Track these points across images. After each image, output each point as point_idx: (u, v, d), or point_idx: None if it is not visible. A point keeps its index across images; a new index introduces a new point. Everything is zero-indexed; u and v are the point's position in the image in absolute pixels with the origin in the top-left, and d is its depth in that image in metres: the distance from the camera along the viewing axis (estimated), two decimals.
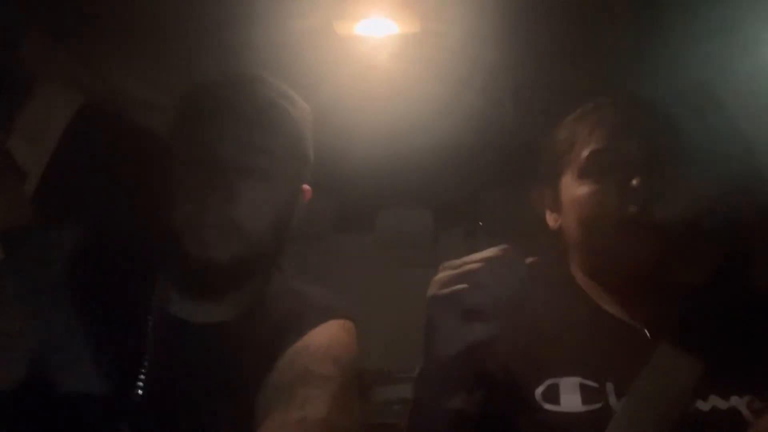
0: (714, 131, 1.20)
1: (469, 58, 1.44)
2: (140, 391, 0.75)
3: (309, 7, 1.25)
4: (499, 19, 1.27)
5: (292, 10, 1.25)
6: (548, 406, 0.77)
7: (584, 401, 0.76)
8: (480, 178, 2.55)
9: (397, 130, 2.02)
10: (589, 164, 0.85)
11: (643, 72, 1.52)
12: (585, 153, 0.86)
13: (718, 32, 1.22)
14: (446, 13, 1.28)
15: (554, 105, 1.46)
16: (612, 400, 0.76)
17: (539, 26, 1.33)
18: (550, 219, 0.94)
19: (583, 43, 1.42)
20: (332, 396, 0.76)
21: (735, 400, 0.73)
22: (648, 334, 0.82)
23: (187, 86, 0.89)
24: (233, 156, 0.79)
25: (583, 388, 0.77)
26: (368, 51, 1.45)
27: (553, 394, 0.78)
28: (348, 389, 0.80)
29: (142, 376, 0.76)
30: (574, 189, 0.87)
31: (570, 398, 0.76)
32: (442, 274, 0.76)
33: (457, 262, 0.76)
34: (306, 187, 0.92)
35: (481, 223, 2.50)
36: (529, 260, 0.78)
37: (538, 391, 0.78)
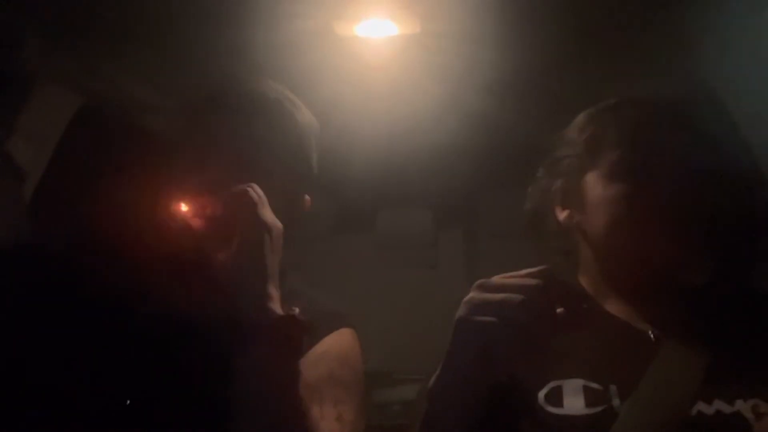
0: (719, 132, 1.20)
1: (468, 58, 1.44)
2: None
3: (309, 8, 1.25)
4: (498, 20, 1.27)
5: (292, 11, 1.25)
6: (551, 409, 0.76)
7: (587, 404, 0.75)
8: (480, 178, 2.55)
9: (397, 131, 2.02)
10: (621, 164, 0.84)
11: (643, 72, 1.52)
12: (616, 152, 0.85)
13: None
14: (446, 15, 1.28)
15: (553, 105, 1.47)
16: (615, 402, 0.75)
17: (539, 27, 1.33)
18: (561, 215, 0.93)
19: (582, 43, 1.42)
20: (356, 399, 0.80)
21: (739, 404, 0.72)
22: (652, 337, 0.82)
23: (186, 87, 0.90)
24: (233, 150, 0.81)
25: (587, 391, 0.76)
26: (368, 52, 1.45)
27: (556, 397, 0.77)
28: (364, 397, 0.84)
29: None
30: (602, 188, 0.86)
31: (573, 401, 0.75)
32: (475, 296, 0.73)
33: (494, 282, 0.73)
34: (307, 198, 0.93)
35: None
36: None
37: (541, 393, 0.78)
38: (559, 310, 0.72)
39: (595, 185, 0.87)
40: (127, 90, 1.62)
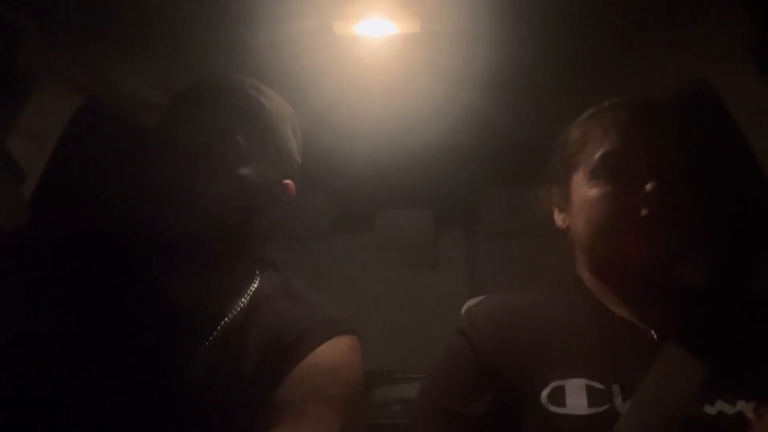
0: (718, 133, 1.20)
1: (468, 58, 1.44)
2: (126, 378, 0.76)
3: (309, 8, 1.24)
4: (498, 20, 1.27)
5: (292, 11, 1.25)
6: (554, 409, 0.76)
7: (590, 403, 0.75)
8: (480, 178, 2.56)
9: (396, 131, 2.02)
10: (602, 165, 0.84)
11: (643, 72, 1.52)
12: (598, 154, 0.85)
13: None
14: (446, 14, 1.28)
15: (553, 105, 1.47)
16: (618, 402, 0.75)
17: (538, 27, 1.33)
18: (559, 218, 0.94)
19: (581, 43, 1.42)
20: (341, 416, 0.78)
21: (742, 405, 0.72)
22: (655, 336, 0.82)
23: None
24: (199, 138, 0.81)
25: (589, 390, 0.76)
26: (368, 51, 1.45)
27: (558, 397, 0.77)
28: (355, 409, 0.82)
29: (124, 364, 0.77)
30: (585, 190, 0.86)
31: (576, 400, 0.75)
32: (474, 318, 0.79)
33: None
34: (289, 182, 0.91)
35: None
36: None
37: (544, 393, 0.77)
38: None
39: (577, 187, 0.88)
40: (127, 89, 1.62)
